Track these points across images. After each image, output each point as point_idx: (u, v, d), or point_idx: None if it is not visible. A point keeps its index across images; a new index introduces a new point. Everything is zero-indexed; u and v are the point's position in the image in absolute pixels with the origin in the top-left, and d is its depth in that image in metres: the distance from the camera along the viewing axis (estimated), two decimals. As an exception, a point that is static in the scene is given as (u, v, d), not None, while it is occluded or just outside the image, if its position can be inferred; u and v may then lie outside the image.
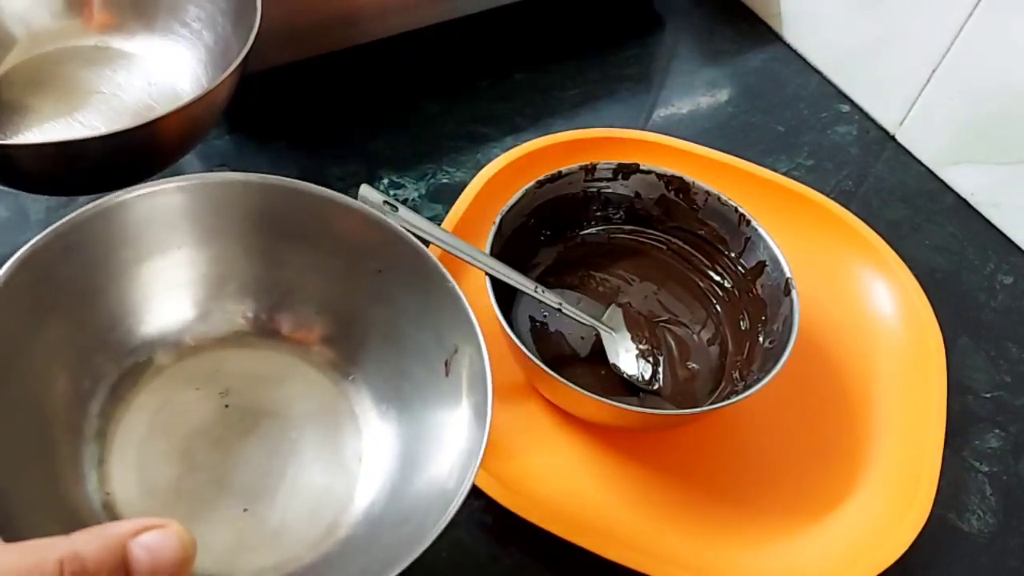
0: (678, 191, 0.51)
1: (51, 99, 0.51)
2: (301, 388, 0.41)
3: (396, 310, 0.40)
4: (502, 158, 0.56)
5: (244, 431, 0.40)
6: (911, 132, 0.65)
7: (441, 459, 0.37)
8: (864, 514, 0.45)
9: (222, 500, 0.37)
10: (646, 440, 0.47)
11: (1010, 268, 0.59)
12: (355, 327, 0.42)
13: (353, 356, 0.42)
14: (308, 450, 0.40)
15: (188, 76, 0.53)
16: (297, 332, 0.42)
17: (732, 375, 0.48)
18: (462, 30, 0.65)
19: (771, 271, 0.48)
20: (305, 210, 0.40)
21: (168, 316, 0.41)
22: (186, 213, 0.39)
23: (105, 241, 0.37)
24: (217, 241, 0.40)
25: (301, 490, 0.39)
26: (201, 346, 0.41)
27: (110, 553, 0.23)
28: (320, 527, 0.38)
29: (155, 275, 0.40)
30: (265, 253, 0.41)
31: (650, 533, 0.44)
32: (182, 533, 0.25)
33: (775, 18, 0.72)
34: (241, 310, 0.42)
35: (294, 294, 0.42)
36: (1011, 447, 0.50)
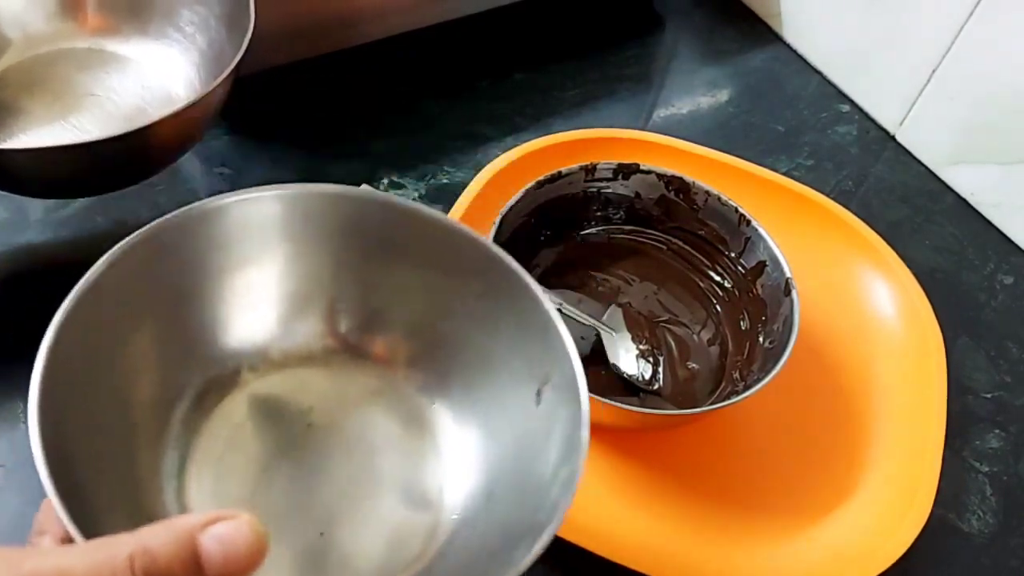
0: (678, 191, 0.51)
1: (45, 101, 0.51)
2: (385, 411, 0.40)
3: (488, 335, 0.38)
4: (502, 158, 0.56)
5: (326, 453, 0.38)
6: (911, 132, 0.65)
7: (530, 491, 0.34)
8: (864, 514, 0.45)
9: (298, 521, 0.36)
10: (646, 440, 0.47)
11: (1010, 268, 0.59)
12: (443, 350, 0.40)
13: (440, 380, 0.40)
14: (390, 476, 0.38)
15: (182, 79, 0.53)
16: (384, 353, 0.40)
17: (732, 375, 0.48)
18: (462, 30, 0.65)
19: (771, 271, 0.48)
20: (400, 226, 0.38)
21: (256, 329, 0.39)
22: (281, 222, 0.38)
23: (199, 245, 0.36)
24: (311, 254, 0.39)
25: (380, 518, 0.37)
26: (286, 362, 0.40)
27: (180, 546, 0.23)
28: (397, 558, 0.36)
29: (246, 285, 0.38)
30: (357, 269, 0.39)
31: (650, 533, 0.44)
32: (255, 523, 0.24)
33: (775, 18, 0.72)
34: (329, 328, 0.40)
35: (384, 314, 0.40)
36: (1011, 447, 0.50)
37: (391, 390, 0.40)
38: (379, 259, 0.39)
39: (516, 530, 0.33)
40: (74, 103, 0.52)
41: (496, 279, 0.37)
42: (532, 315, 0.37)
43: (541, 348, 0.36)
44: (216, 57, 0.52)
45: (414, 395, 0.40)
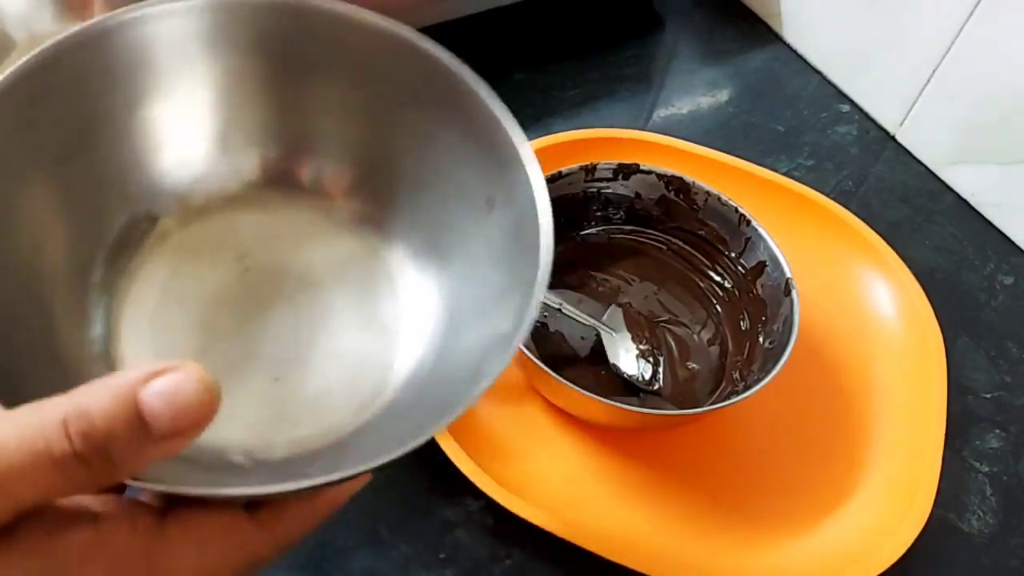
0: (678, 191, 0.51)
1: None
2: (327, 246, 0.36)
3: (427, 146, 0.35)
4: (502, 158, 0.56)
5: (268, 296, 0.35)
6: (911, 132, 0.65)
7: (493, 302, 0.32)
8: (864, 514, 0.45)
9: (251, 371, 0.33)
10: (646, 440, 0.47)
11: (1010, 268, 0.59)
12: (382, 173, 0.36)
13: (382, 206, 0.36)
14: (341, 313, 0.35)
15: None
16: (318, 183, 0.36)
17: (732, 375, 0.48)
18: (462, 31, 0.65)
19: (771, 271, 0.48)
20: (322, 33, 0.34)
21: (171, 170, 0.35)
22: (187, 45, 0.33)
23: (98, 75, 0.31)
24: (222, 78, 0.34)
25: (337, 356, 0.34)
26: (210, 206, 0.35)
27: (120, 405, 0.20)
28: (363, 392, 0.33)
29: (153, 120, 0.34)
30: (278, 91, 0.35)
31: (650, 533, 0.44)
32: (202, 373, 0.21)
33: (775, 18, 0.72)
34: (253, 160, 0.36)
35: (313, 138, 0.36)
36: (1011, 447, 0.50)
37: (330, 223, 0.36)
38: (300, 74, 0.35)
39: (482, 343, 0.31)
40: None
41: (430, 83, 0.34)
42: (476, 116, 0.33)
43: (486, 150, 0.33)
44: None
45: (356, 226, 0.37)
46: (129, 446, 0.20)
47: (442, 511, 0.44)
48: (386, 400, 0.33)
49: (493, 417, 0.47)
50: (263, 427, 0.32)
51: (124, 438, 0.20)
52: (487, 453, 0.44)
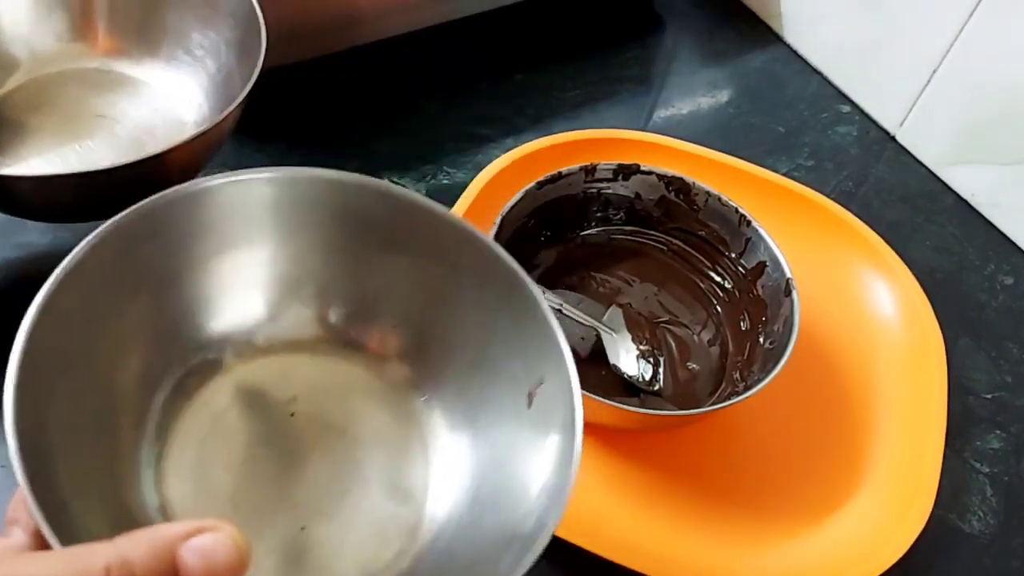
0: (678, 192, 0.51)
1: (52, 122, 0.51)
2: (372, 404, 0.39)
3: (482, 331, 0.37)
4: (502, 159, 0.56)
5: (309, 444, 0.37)
6: (911, 133, 0.65)
7: (518, 499, 0.33)
8: (865, 515, 0.45)
9: (279, 515, 0.35)
10: (646, 441, 0.47)
11: (1011, 268, 0.59)
12: (436, 344, 0.39)
13: (430, 375, 0.39)
14: (374, 471, 0.37)
15: (191, 103, 0.53)
16: (374, 344, 0.39)
17: (733, 376, 0.48)
18: (462, 31, 0.66)
19: (771, 272, 0.48)
20: (397, 215, 0.37)
21: (242, 313, 0.38)
22: (272, 206, 0.37)
23: (188, 225, 0.35)
24: (301, 239, 0.38)
25: (363, 514, 0.36)
26: (272, 348, 0.39)
27: (159, 559, 0.22)
28: (380, 555, 0.35)
29: (234, 268, 0.37)
30: (349, 256, 0.38)
31: (650, 534, 0.44)
32: (236, 536, 0.23)
33: (775, 19, 0.72)
34: (317, 315, 0.39)
35: (375, 304, 0.39)
36: (1012, 448, 0.50)
37: (379, 383, 0.39)
38: (372, 248, 0.38)
39: (502, 537, 0.32)
40: (82, 125, 0.51)
41: (493, 276, 0.36)
42: (528, 314, 0.35)
43: (535, 349, 0.35)
44: (224, 82, 0.51)
45: (403, 389, 0.39)
46: None
47: (442, 512, 0.44)
48: (401, 568, 0.35)
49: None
50: (280, 572, 0.34)
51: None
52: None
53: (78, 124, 0.51)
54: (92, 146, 0.51)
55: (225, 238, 0.37)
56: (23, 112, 0.51)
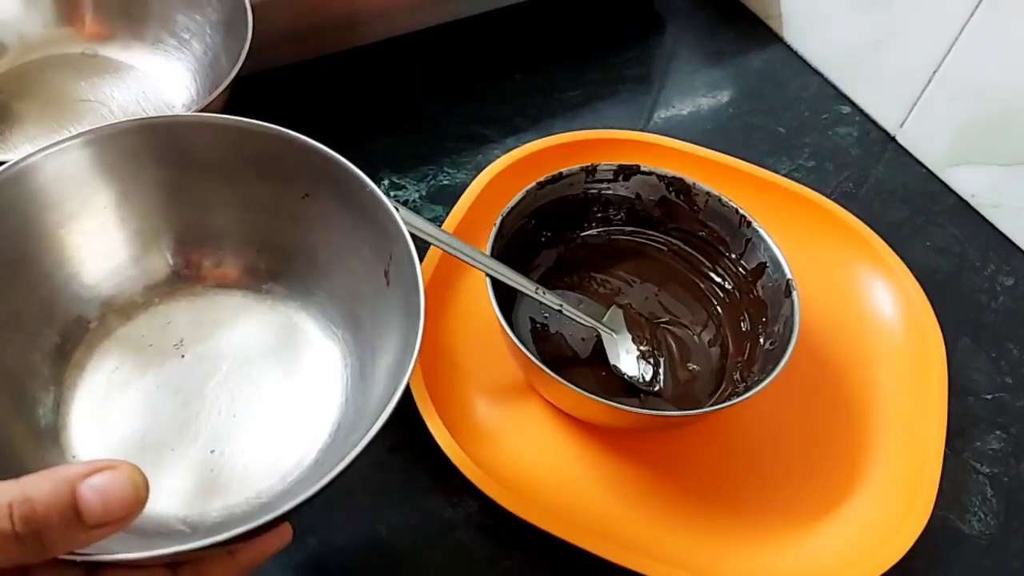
0: (679, 192, 0.51)
1: (40, 107, 0.51)
2: (255, 326, 0.42)
3: (332, 231, 0.40)
4: (503, 159, 0.56)
5: (204, 377, 0.40)
6: (912, 133, 0.65)
7: (386, 369, 0.37)
8: (865, 516, 0.45)
9: (189, 447, 0.38)
10: (646, 441, 0.47)
11: (1011, 269, 0.59)
12: (297, 257, 0.42)
13: (302, 285, 0.42)
14: (270, 386, 0.40)
15: (179, 87, 0.53)
16: (241, 272, 0.42)
17: (733, 376, 0.48)
18: (463, 32, 0.66)
19: (772, 272, 0.48)
20: (217, 143, 0.39)
21: (107, 276, 0.40)
22: (98, 165, 0.38)
23: (23, 205, 0.37)
24: (139, 192, 0.40)
25: (267, 425, 0.39)
26: (148, 302, 0.41)
27: (59, 496, 0.23)
28: (290, 458, 0.38)
29: (83, 234, 0.39)
30: (191, 197, 0.41)
31: (650, 534, 0.44)
32: (133, 473, 0.24)
33: (776, 19, 0.73)
34: (180, 260, 0.42)
35: (230, 235, 0.42)
36: (1012, 448, 0.50)
37: (256, 304, 0.42)
38: (206, 180, 0.40)
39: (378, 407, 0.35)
40: (70, 109, 0.52)
41: (319, 175, 0.39)
42: (363, 201, 0.38)
43: (380, 231, 0.38)
44: (212, 64, 0.52)
45: (279, 304, 0.42)
46: (61, 532, 0.23)
47: (442, 512, 0.44)
48: (309, 462, 0.38)
49: (493, 418, 0.47)
50: (198, 496, 0.37)
51: (59, 524, 0.23)
52: (487, 454, 0.44)
53: (67, 109, 0.52)
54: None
55: (66, 209, 0.38)
56: (10, 97, 0.52)
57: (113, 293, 0.41)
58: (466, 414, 0.46)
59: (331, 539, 0.42)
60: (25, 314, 0.37)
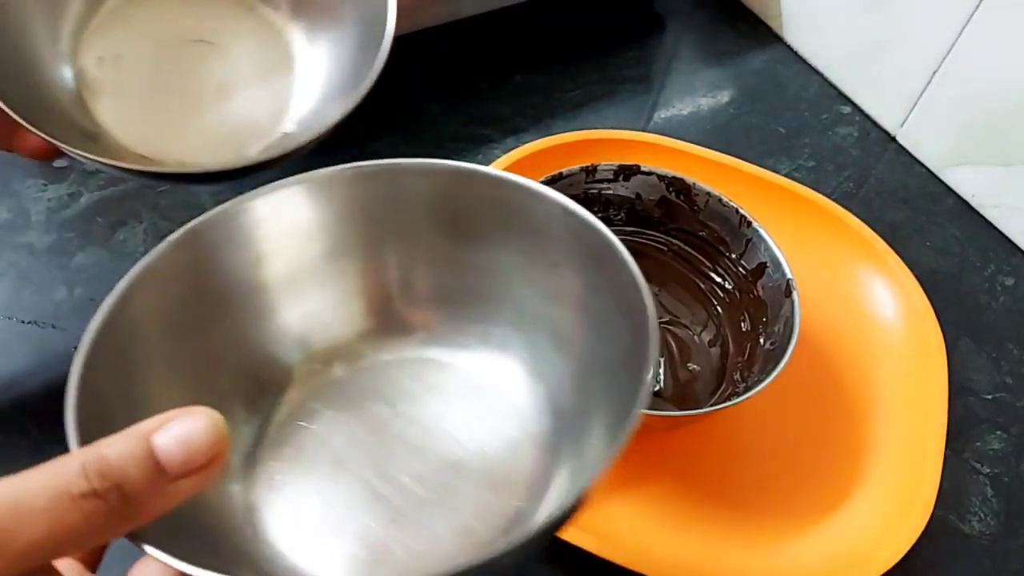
0: (679, 192, 0.51)
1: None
2: (462, 400, 0.38)
3: (576, 312, 0.36)
4: (503, 159, 0.56)
5: (402, 441, 0.37)
6: (912, 133, 0.65)
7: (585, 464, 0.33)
8: (865, 516, 0.45)
9: (370, 509, 0.35)
10: (646, 441, 0.47)
11: (1011, 269, 0.59)
12: (532, 332, 0.37)
13: (530, 363, 0.38)
14: (469, 464, 0.36)
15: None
16: (465, 336, 0.38)
17: (733, 376, 0.48)
18: (463, 32, 0.66)
19: (772, 272, 0.48)
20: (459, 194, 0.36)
21: (315, 322, 0.38)
22: (313, 211, 0.36)
23: (235, 244, 0.35)
24: (374, 235, 0.37)
25: (456, 504, 0.35)
26: (359, 352, 0.38)
27: (134, 447, 0.21)
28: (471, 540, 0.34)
29: (287, 281, 0.37)
30: (428, 248, 0.37)
31: (649, 534, 0.44)
32: (212, 415, 0.22)
33: (776, 19, 0.72)
34: (407, 313, 0.39)
35: (462, 292, 0.38)
36: (1013, 448, 0.50)
37: (480, 374, 0.38)
38: (434, 233, 0.37)
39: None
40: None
41: (572, 239, 0.34)
42: (615, 280, 0.32)
43: (625, 321, 0.32)
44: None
45: (502, 379, 0.38)
46: (144, 483, 0.21)
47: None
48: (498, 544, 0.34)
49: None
50: (363, 566, 0.33)
51: (139, 475, 0.21)
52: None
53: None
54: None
55: (281, 253, 0.36)
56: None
57: (322, 340, 0.38)
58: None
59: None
60: (226, 350, 0.36)
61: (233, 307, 0.36)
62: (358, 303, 0.38)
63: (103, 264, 0.51)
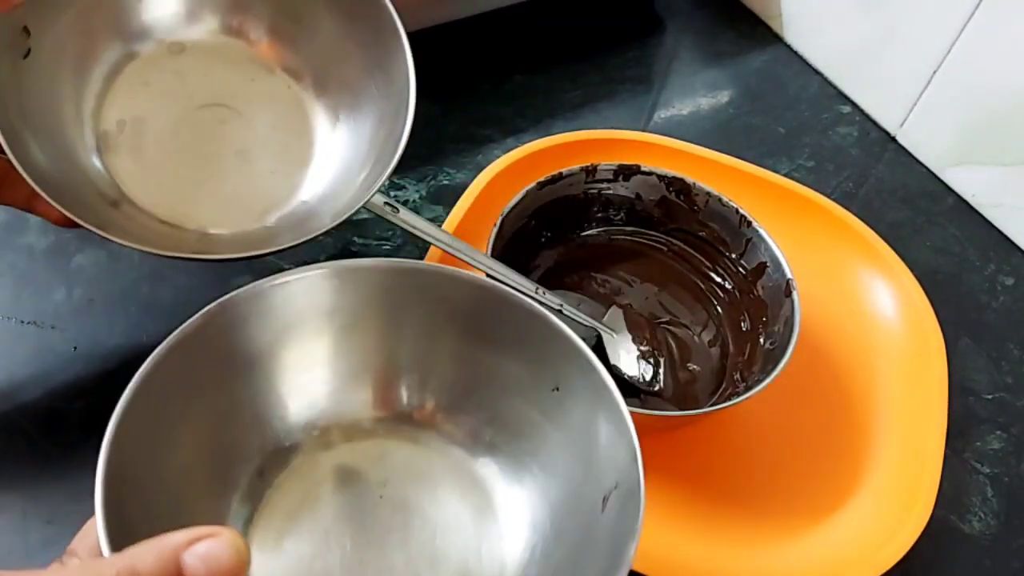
0: (679, 192, 0.51)
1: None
2: (458, 495, 0.39)
3: (567, 434, 0.38)
4: (503, 159, 0.56)
5: (390, 527, 0.38)
6: (912, 133, 0.65)
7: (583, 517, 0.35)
8: (865, 516, 0.45)
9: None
10: (646, 441, 0.47)
11: (1011, 269, 0.59)
12: (522, 439, 0.39)
13: (516, 470, 0.39)
14: (448, 563, 0.37)
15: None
16: (465, 436, 0.40)
17: (733, 376, 0.48)
18: (463, 32, 0.66)
19: (772, 272, 0.48)
20: (486, 306, 0.38)
21: (321, 405, 0.39)
22: (336, 298, 0.38)
23: (257, 322, 0.37)
24: (404, 327, 0.39)
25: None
26: (375, 431, 0.40)
27: (164, 564, 0.23)
28: None
29: (305, 360, 0.38)
30: (453, 349, 0.39)
31: (649, 534, 0.44)
32: (236, 540, 0.24)
33: (776, 19, 0.72)
34: (421, 402, 0.40)
35: (471, 396, 0.40)
36: (1013, 448, 0.50)
37: (468, 474, 0.40)
38: (468, 340, 0.39)
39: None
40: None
41: (572, 368, 0.37)
42: (610, 418, 0.35)
43: (614, 456, 0.35)
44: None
45: (489, 481, 0.39)
46: None
47: (443, 512, 0.44)
48: None
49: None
50: None
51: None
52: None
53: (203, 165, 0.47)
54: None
55: (293, 332, 0.38)
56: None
57: (345, 414, 0.40)
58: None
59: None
60: (233, 431, 0.37)
61: (252, 378, 0.37)
62: (367, 386, 0.40)
63: (102, 265, 0.51)
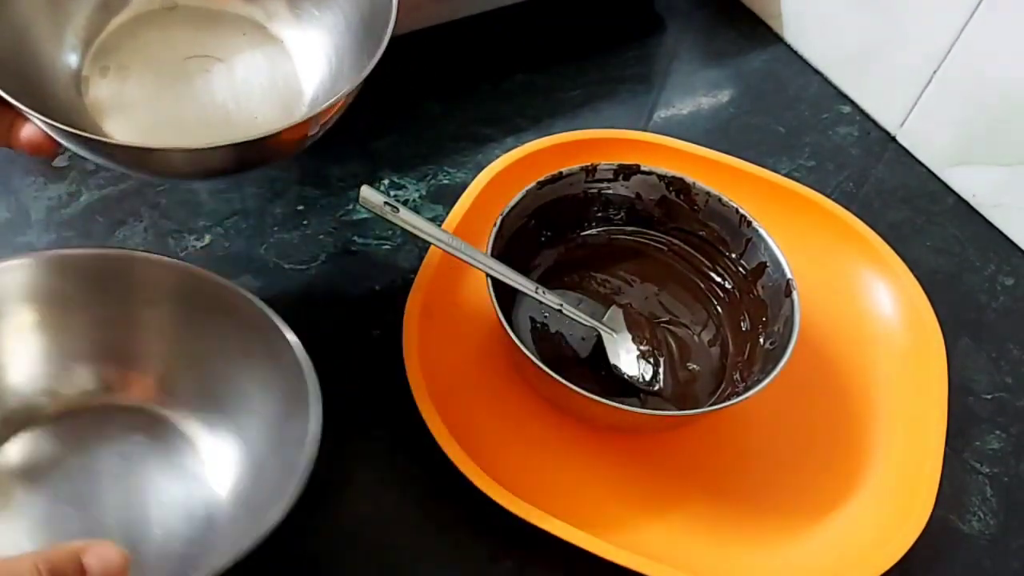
0: (679, 192, 0.51)
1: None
2: (149, 443, 0.43)
3: (242, 370, 0.43)
4: (503, 159, 0.56)
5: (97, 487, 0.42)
6: (912, 133, 0.65)
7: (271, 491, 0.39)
8: (865, 515, 0.45)
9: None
10: (646, 441, 0.47)
11: (1011, 269, 0.59)
12: (208, 386, 0.44)
13: (207, 412, 0.44)
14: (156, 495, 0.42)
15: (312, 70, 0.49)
16: (151, 393, 0.44)
17: (733, 376, 0.48)
18: (463, 31, 0.65)
19: (772, 272, 0.48)
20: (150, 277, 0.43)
21: (27, 382, 0.43)
22: (39, 284, 0.42)
23: None
24: (81, 310, 0.43)
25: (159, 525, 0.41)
26: (59, 411, 0.43)
27: (71, 558, 0.31)
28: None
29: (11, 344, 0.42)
30: (126, 321, 0.44)
31: (650, 534, 0.44)
32: (121, 550, 0.32)
33: (776, 19, 0.72)
34: (102, 376, 0.44)
35: (149, 358, 0.44)
36: (1012, 448, 0.50)
37: (159, 424, 0.44)
38: (142, 310, 0.44)
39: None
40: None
41: (248, 329, 0.42)
42: (273, 351, 0.41)
43: (289, 381, 0.41)
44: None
45: (181, 424, 0.44)
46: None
47: (442, 512, 0.44)
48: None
49: (493, 418, 0.47)
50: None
51: (73, 572, 0.31)
52: (487, 454, 0.44)
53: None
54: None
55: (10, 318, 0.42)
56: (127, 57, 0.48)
57: (28, 400, 0.42)
58: (466, 414, 0.46)
59: (327, 536, 0.42)
60: None
61: None
62: (82, 362, 0.44)
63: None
